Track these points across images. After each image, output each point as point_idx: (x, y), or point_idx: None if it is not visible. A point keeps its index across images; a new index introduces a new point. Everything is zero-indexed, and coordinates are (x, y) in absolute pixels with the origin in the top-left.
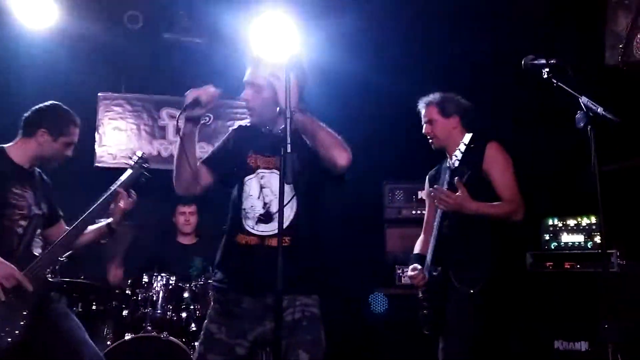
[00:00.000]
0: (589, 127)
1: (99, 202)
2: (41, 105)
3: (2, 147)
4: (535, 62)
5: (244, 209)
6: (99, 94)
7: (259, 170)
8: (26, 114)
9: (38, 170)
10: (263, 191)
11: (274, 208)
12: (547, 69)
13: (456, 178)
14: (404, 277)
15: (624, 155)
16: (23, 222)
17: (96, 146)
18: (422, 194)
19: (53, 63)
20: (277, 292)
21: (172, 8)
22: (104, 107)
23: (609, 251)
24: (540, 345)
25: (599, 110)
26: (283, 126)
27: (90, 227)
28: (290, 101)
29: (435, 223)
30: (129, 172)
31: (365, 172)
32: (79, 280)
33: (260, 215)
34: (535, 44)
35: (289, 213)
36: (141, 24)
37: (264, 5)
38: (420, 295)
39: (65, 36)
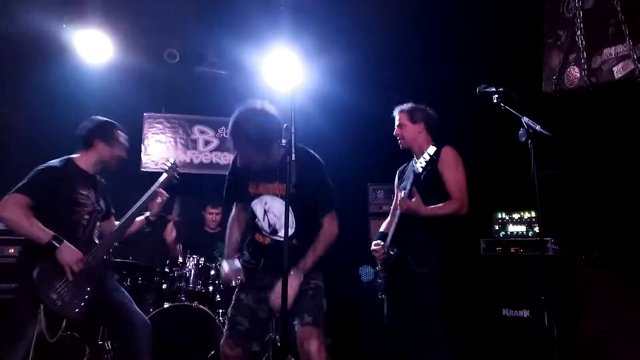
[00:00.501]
0: (529, 140)
1: (142, 200)
2: (90, 122)
3: (71, 157)
4: (487, 89)
5: (257, 223)
6: (144, 114)
7: (262, 196)
8: (79, 132)
9: (98, 175)
10: (267, 215)
11: (278, 227)
12: (497, 95)
13: (413, 187)
14: None
15: (558, 163)
16: (87, 217)
17: (142, 155)
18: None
19: (108, 89)
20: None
21: (202, 46)
22: (148, 124)
23: (545, 238)
24: (492, 313)
25: (537, 127)
26: (281, 155)
27: (136, 219)
28: (294, 120)
29: (397, 213)
30: (164, 175)
31: (353, 175)
32: (127, 260)
33: (267, 231)
34: (490, 74)
35: (291, 227)
36: (177, 59)
37: (275, 43)
38: (379, 266)
39: (118, 68)
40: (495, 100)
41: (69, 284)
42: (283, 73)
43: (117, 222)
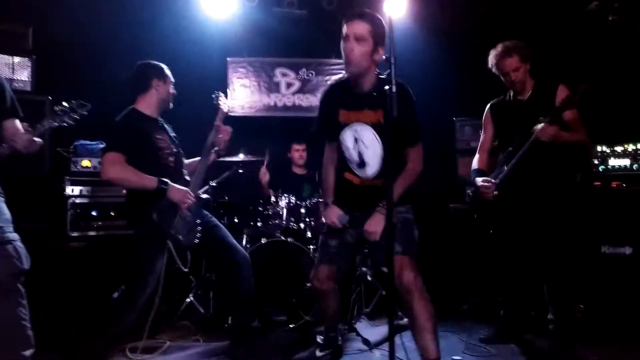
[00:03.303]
0: None
1: (210, 137)
2: (138, 67)
3: (133, 107)
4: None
5: (346, 155)
6: (227, 59)
7: (353, 124)
8: (132, 79)
9: (161, 119)
10: (357, 143)
11: (367, 157)
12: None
13: (551, 117)
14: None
15: None
16: (171, 158)
17: (228, 99)
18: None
19: (190, 38)
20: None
21: None
22: (232, 69)
23: None
24: (590, 250)
25: None
26: (372, 82)
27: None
28: (394, 49)
29: (521, 151)
30: (218, 109)
31: (440, 111)
32: (223, 200)
33: (357, 162)
34: None
35: (377, 160)
36: (256, 1)
37: None
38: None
39: (199, 17)
40: (611, 18)
41: (184, 219)
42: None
43: (187, 161)
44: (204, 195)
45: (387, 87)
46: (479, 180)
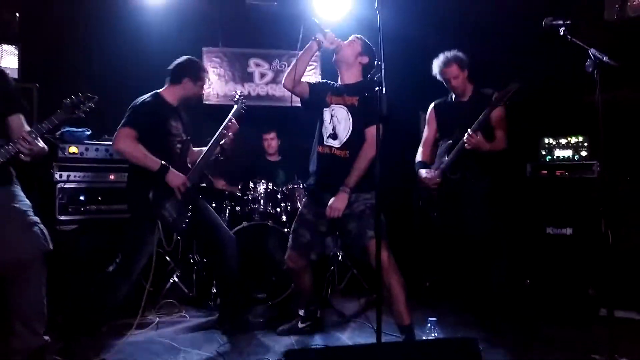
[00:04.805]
0: (595, 71)
1: (219, 131)
2: (181, 60)
3: (158, 92)
4: (554, 22)
5: (322, 130)
6: (202, 49)
7: (332, 105)
8: (171, 67)
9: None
10: (332, 119)
11: (338, 130)
12: (564, 28)
13: (478, 127)
14: None
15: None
16: (179, 145)
17: (205, 88)
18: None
19: (167, 28)
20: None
21: None
22: (207, 58)
23: (590, 162)
24: (536, 231)
25: (604, 58)
26: (354, 78)
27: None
28: (382, 55)
29: (459, 145)
30: (235, 107)
31: (407, 104)
32: (203, 185)
33: (330, 134)
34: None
35: (346, 133)
36: None
37: None
38: (433, 190)
39: (176, 8)
40: (562, 33)
41: (176, 203)
42: (334, 4)
43: (195, 149)
44: (201, 184)
45: (377, 89)
46: (423, 172)
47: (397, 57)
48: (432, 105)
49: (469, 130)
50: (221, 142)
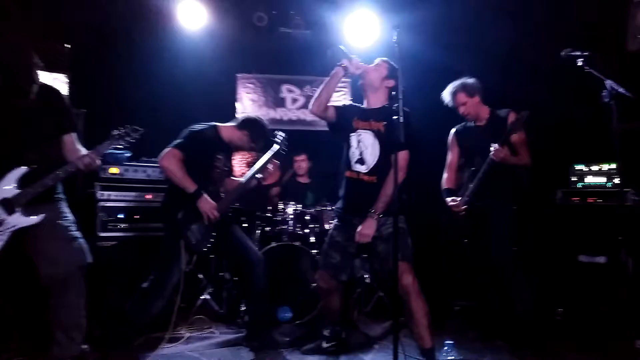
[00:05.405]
0: (612, 101)
1: (259, 165)
2: (255, 117)
3: (217, 125)
4: (572, 53)
5: (350, 155)
6: (237, 75)
7: (359, 130)
8: (244, 116)
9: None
10: (359, 144)
11: (365, 155)
12: (582, 59)
13: (504, 142)
14: None
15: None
16: (217, 176)
17: (237, 113)
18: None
19: (204, 53)
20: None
21: (287, 9)
22: (241, 84)
23: (625, 189)
24: (568, 258)
25: (620, 89)
26: (381, 101)
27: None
28: (401, 85)
29: (483, 169)
30: (275, 146)
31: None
32: (234, 206)
33: (357, 159)
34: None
35: (373, 159)
36: (265, 22)
37: (355, 4)
38: (460, 218)
39: (212, 34)
40: (579, 64)
41: (201, 227)
42: (362, 31)
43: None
44: (229, 213)
45: (395, 117)
46: (449, 200)
47: (428, 79)
48: (452, 130)
49: (495, 145)
50: (258, 176)
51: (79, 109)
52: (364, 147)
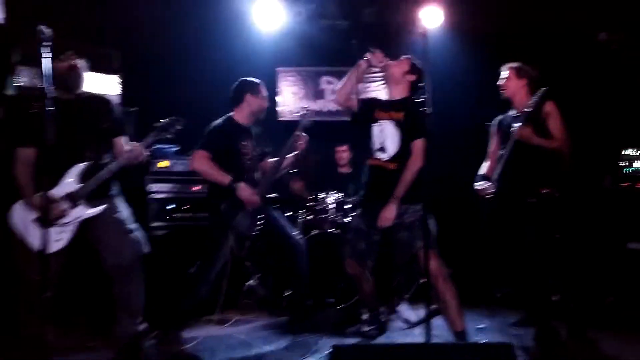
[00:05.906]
0: None
1: (288, 143)
2: (235, 83)
3: (229, 115)
4: (609, 37)
5: (372, 144)
6: (276, 68)
7: (380, 121)
8: (231, 94)
9: (251, 126)
10: (381, 134)
11: (387, 144)
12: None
13: (527, 121)
14: None
15: None
16: (248, 162)
17: (278, 106)
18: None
19: (245, 48)
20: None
21: (324, 2)
22: (281, 77)
23: None
24: (617, 246)
25: None
26: (401, 94)
27: (286, 157)
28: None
29: (507, 148)
30: (301, 122)
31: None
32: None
33: (378, 148)
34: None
35: (395, 147)
36: (304, 15)
37: None
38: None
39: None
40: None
41: (246, 213)
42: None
43: (270, 160)
44: (271, 195)
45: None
46: (476, 184)
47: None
48: (496, 119)
49: (519, 123)
50: (290, 155)
51: (131, 107)
52: (385, 136)
